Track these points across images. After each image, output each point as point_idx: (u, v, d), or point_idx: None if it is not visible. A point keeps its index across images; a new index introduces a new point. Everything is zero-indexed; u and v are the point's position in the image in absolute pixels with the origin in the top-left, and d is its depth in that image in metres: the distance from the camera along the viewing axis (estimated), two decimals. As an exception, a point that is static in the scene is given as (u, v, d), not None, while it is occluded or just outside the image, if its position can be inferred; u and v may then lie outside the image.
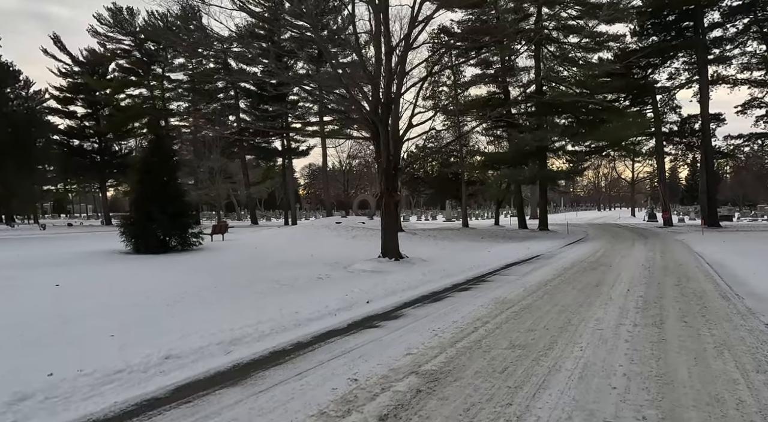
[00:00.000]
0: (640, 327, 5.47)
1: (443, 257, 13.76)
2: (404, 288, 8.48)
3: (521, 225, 29.39)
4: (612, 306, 6.67)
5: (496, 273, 10.66)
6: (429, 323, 5.88)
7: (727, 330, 5.34)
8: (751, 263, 11.03)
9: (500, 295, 7.70)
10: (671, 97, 34.23)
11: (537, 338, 5.06)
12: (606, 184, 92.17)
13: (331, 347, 4.92)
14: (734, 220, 37.99)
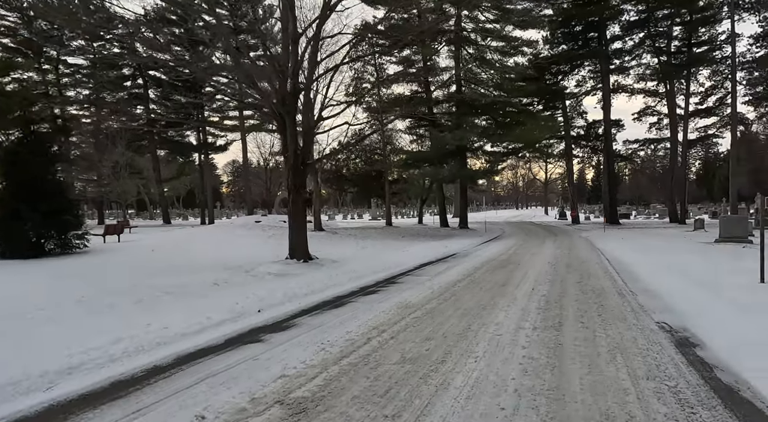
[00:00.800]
0: (539, 331, 5.23)
1: (359, 257, 13.22)
2: (306, 292, 7.79)
3: (443, 223, 29.72)
4: (515, 308, 6.45)
5: (409, 274, 10.28)
6: (320, 334, 5.25)
7: (621, 330, 5.24)
8: (644, 259, 11.61)
9: (406, 299, 7.26)
10: (579, 102, 36.49)
11: (432, 349, 4.61)
12: (523, 184, 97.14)
13: (194, 370, 4.13)
14: (631, 218, 41.33)
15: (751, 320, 5.40)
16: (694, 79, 32.12)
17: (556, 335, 5.05)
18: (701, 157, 59.21)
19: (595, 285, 8.31)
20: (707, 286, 7.59)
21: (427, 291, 7.85)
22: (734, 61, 29.27)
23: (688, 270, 9.51)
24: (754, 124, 37.88)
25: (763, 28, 29.60)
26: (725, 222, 16.41)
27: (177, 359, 4.43)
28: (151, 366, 4.22)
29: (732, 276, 8.52)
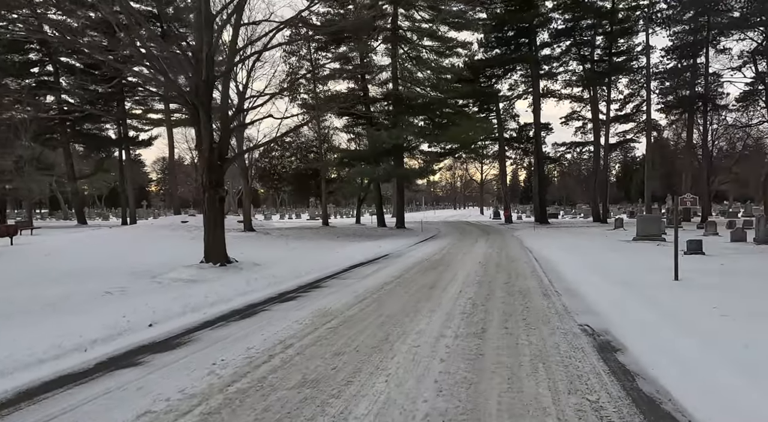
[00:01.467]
0: (461, 339, 4.82)
1: (286, 259, 12.44)
2: (215, 301, 6.96)
3: (380, 223, 29.38)
4: (439, 313, 6.05)
5: (336, 277, 9.69)
6: (216, 352, 4.53)
7: (544, 335, 4.96)
8: (569, 258, 11.78)
9: (325, 305, 6.66)
10: (511, 105, 37.54)
11: (340, 367, 4.05)
12: (461, 184, 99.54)
13: (29, 412, 3.28)
14: (559, 218, 43.26)
15: (666, 321, 5.33)
16: (614, 87, 34.06)
17: (478, 344, 4.66)
18: (620, 161, 63.36)
19: (522, 285, 8.14)
20: (626, 285, 7.63)
21: (350, 296, 7.29)
22: (649, 71, 31.31)
23: (609, 268, 9.66)
24: (665, 131, 40.86)
25: (673, 42, 31.89)
26: (642, 222, 17.26)
27: (18, 395, 3.55)
28: (-26, 408, 3.32)
29: (649, 274, 8.70)
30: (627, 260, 11.04)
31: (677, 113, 32.40)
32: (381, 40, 25.04)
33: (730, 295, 6.54)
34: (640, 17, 30.48)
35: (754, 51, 28.58)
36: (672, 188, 46.69)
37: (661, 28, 31.53)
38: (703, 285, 7.36)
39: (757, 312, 5.51)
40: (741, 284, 7.43)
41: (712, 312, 5.55)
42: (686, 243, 12.45)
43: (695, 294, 6.68)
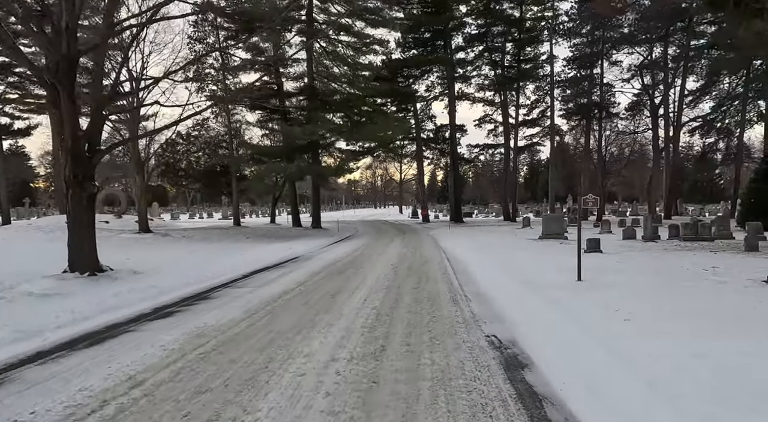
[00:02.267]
0: (356, 362, 4.13)
1: (179, 265, 11.02)
2: (66, 322, 5.65)
3: (295, 223, 28.13)
4: (337, 328, 5.32)
5: (231, 285, 8.60)
6: (25, 402, 3.40)
7: (449, 351, 4.43)
8: (480, 258, 11.66)
9: (206, 323, 5.65)
10: (428, 106, 38.03)
11: (195, 413, 3.16)
12: (381, 183, 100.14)
13: None
14: (473, 217, 44.71)
15: (573, 328, 5.06)
16: (522, 93, 35.75)
17: (375, 368, 3.99)
18: (528, 163, 67.31)
19: (431, 290, 7.68)
20: (534, 287, 7.45)
21: (239, 310, 6.33)
22: (552, 79, 33.21)
23: (518, 268, 9.58)
24: (567, 135, 43.74)
25: (573, 53, 34.13)
26: (546, 221, 17.92)
27: None
28: None
29: (555, 274, 8.67)
30: (534, 259, 11.13)
31: (577, 119, 34.68)
32: (295, 32, 23.86)
33: (629, 296, 6.53)
34: (545, 28, 32.20)
35: (640, 65, 31.37)
36: (572, 189, 50.31)
37: (563, 39, 33.61)
38: (605, 284, 7.37)
39: (658, 316, 5.44)
40: (638, 283, 7.55)
41: (615, 315, 5.39)
42: (586, 242, 12.93)
43: (597, 295, 6.60)
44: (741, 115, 30.68)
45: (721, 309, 5.65)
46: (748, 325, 4.92)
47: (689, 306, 5.80)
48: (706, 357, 3.90)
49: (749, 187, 20.76)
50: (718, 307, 5.71)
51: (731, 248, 12.74)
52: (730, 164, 35.52)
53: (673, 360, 3.91)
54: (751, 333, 4.62)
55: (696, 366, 3.76)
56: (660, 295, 6.50)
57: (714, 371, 3.66)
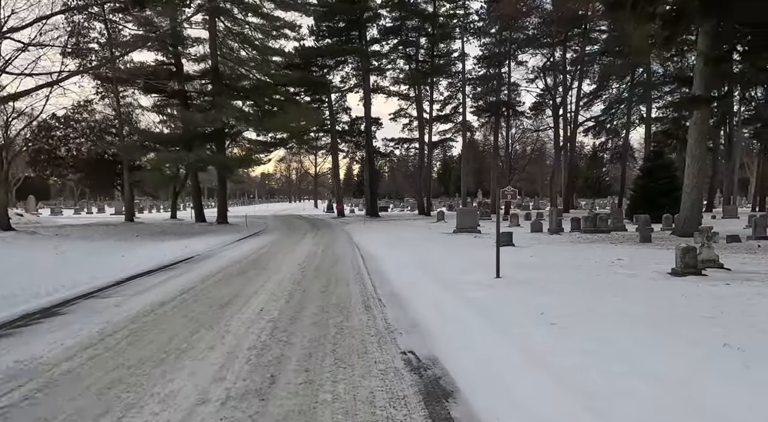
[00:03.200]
0: (231, 407, 3.05)
1: (30, 271, 8.94)
2: None
3: (199, 218, 25.65)
4: (218, 352, 4.17)
5: (96, 295, 6.97)
6: None
7: (357, 376, 3.52)
8: (395, 254, 10.96)
9: (31, 356, 4.18)
10: (343, 98, 36.96)
11: None
12: (296, 177, 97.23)
13: None
14: (389, 211, 44.64)
15: (499, 338, 4.41)
16: (436, 88, 36.06)
17: (256, 415, 2.95)
18: (441, 158, 69.06)
19: (342, 294, 6.74)
20: (452, 285, 6.83)
21: (90, 332, 4.89)
22: (464, 76, 33.87)
23: (435, 265, 8.99)
24: (477, 132, 45.22)
25: (483, 52, 35.09)
26: (461, 215, 17.84)
27: None
28: None
29: (473, 270, 8.16)
30: (451, 254, 10.66)
31: (487, 116, 35.75)
32: (195, 8, 21.46)
33: (550, 294, 6.11)
34: (457, 25, 32.65)
35: (543, 67, 33.00)
36: (482, 184, 52.39)
37: (474, 37, 34.41)
38: (524, 281, 6.94)
39: (585, 319, 4.98)
40: (555, 279, 7.24)
41: (541, 320, 4.83)
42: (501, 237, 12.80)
43: (519, 294, 6.10)
44: (627, 118, 33.60)
45: (644, 307, 5.36)
46: (682, 330, 4.61)
47: (612, 304, 5.46)
48: (660, 380, 3.37)
49: (636, 183, 22.58)
50: (639, 305, 5.42)
51: (627, 239, 13.37)
52: (617, 162, 38.95)
53: (623, 382, 3.33)
54: (685, 337, 4.27)
55: (650, 391, 3.21)
56: (580, 293, 6.16)
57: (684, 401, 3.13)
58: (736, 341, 3.87)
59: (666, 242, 12.25)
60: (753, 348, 3.76)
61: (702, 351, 3.76)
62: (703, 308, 5.13)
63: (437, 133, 38.75)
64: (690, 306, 5.21)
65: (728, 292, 5.91)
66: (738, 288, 6.15)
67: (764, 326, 4.40)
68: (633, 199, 22.02)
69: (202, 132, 20.98)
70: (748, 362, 3.45)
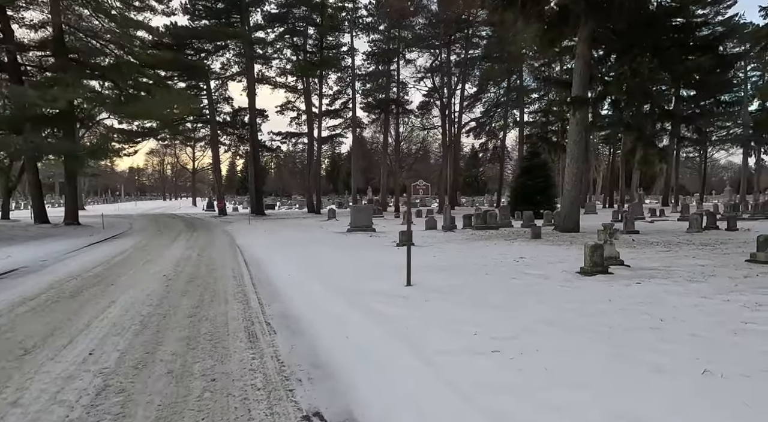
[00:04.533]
0: None
1: None
2: None
3: (40, 218, 20.93)
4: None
5: None
6: None
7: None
8: (285, 258, 9.44)
9: None
10: (224, 86, 33.76)
11: None
12: (172, 172, 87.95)
13: None
14: (276, 209, 42.12)
15: (431, 377, 3.30)
16: (325, 82, 34.64)
17: None
18: (329, 155, 67.76)
19: (218, 317, 5.12)
20: (357, 298, 5.62)
21: None
22: (354, 72, 32.98)
23: (333, 271, 7.70)
24: (367, 128, 44.72)
25: (372, 49, 34.54)
26: (355, 213, 16.77)
27: None
28: None
29: (376, 276, 7.05)
30: (349, 257, 9.46)
31: (377, 113, 35.32)
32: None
33: (472, 305, 5.22)
34: (346, 18, 31.59)
35: (430, 67, 33.53)
36: (370, 182, 52.27)
37: (363, 33, 33.66)
38: (438, 289, 6.00)
39: (526, 344, 4.11)
40: (470, 285, 6.44)
41: (480, 345, 3.85)
42: (399, 235, 11.99)
43: (438, 308, 5.11)
44: (503, 121, 35.75)
45: (581, 318, 4.70)
46: (641, 351, 3.95)
47: (543, 315, 4.73)
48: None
49: (516, 181, 23.76)
50: (572, 314, 4.76)
51: (518, 236, 13.49)
52: (494, 162, 41.48)
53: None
54: (649, 360, 3.58)
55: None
56: (503, 302, 5.38)
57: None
58: (717, 367, 3.24)
59: (554, 238, 12.51)
60: (733, 371, 3.16)
61: (685, 381, 3.05)
62: (638, 317, 4.62)
63: (326, 128, 37.39)
64: (626, 315, 4.67)
65: (646, 293, 5.59)
66: (650, 287, 5.91)
67: (711, 335, 3.94)
68: (513, 196, 23.12)
69: (40, 114, 16.90)
70: (749, 395, 2.78)
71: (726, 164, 64.69)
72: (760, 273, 6.66)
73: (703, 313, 4.58)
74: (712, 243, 10.72)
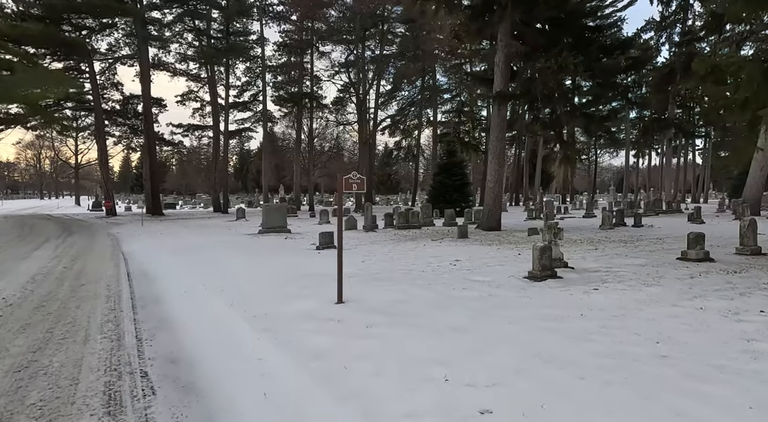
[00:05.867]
0: None
1: None
2: None
3: None
4: None
5: None
6: None
7: None
8: (184, 268, 7.65)
9: None
10: (112, 70, 29.44)
11: None
12: (52, 168, 76.65)
13: None
14: (178, 208, 38.11)
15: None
16: (233, 72, 31.81)
17: None
18: (238, 152, 63.56)
19: (63, 367, 3.43)
20: (277, 327, 4.24)
21: None
22: (264, 62, 30.61)
23: (243, 286, 6.16)
24: (279, 123, 42.20)
25: (284, 39, 32.39)
26: (268, 212, 15.00)
27: None
28: None
29: (300, 290, 5.69)
30: (264, 265, 7.91)
31: (289, 107, 33.27)
32: None
33: (430, 332, 4.12)
34: (255, 5, 29.17)
35: (346, 62, 32.27)
36: (282, 180, 49.67)
37: (274, 22, 31.43)
38: (379, 308, 4.81)
39: (521, 393, 3.07)
40: (414, 299, 5.36)
41: (447, 399, 2.72)
42: (319, 237, 10.63)
43: (386, 337, 3.92)
44: (418, 119, 35.68)
45: (570, 344, 3.80)
46: (666, 394, 3.08)
47: (517, 340, 3.76)
48: None
49: (434, 179, 23.46)
50: (555, 340, 3.86)
51: (444, 235, 12.82)
52: (409, 161, 41.45)
53: None
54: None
55: None
56: (463, 323, 4.34)
57: None
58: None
59: (480, 237, 12.00)
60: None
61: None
62: (630, 339, 3.84)
63: (234, 121, 34.47)
64: (616, 338, 3.86)
65: (613, 304, 4.90)
66: (610, 295, 5.27)
67: (737, 365, 3.22)
68: (432, 194, 22.78)
69: None
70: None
71: (606, 166, 72.00)
72: (701, 272, 6.43)
73: (691, 329, 3.94)
74: (628, 240, 10.86)
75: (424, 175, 48.73)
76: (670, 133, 20.55)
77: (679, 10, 21.43)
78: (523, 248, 9.67)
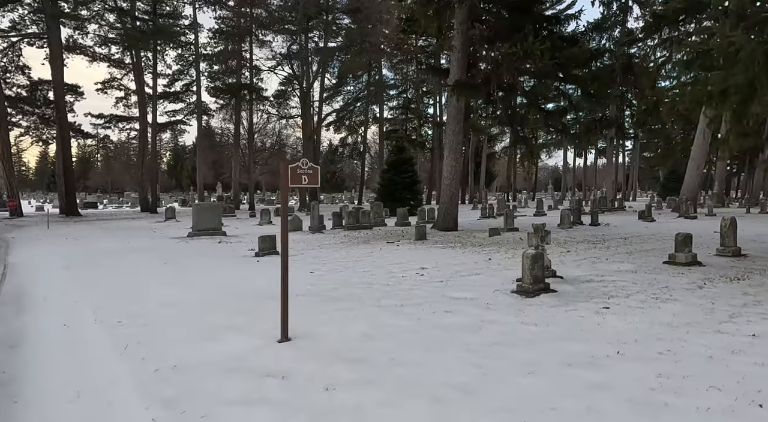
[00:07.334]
0: None
1: None
2: None
3: None
4: None
5: None
6: None
7: None
8: (77, 284, 5.74)
9: None
10: (16, 51, 25.39)
11: None
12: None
13: None
14: (100, 207, 34.13)
15: None
16: (162, 59, 28.78)
17: None
18: (172, 147, 58.94)
19: None
20: (178, 395, 2.71)
21: None
22: (197, 50, 27.94)
23: (150, 311, 4.49)
24: (215, 116, 39.11)
25: (219, 26, 29.72)
26: (199, 212, 12.98)
27: None
28: None
29: (228, 322, 4.14)
30: (186, 281, 6.19)
31: (227, 99, 30.68)
32: None
33: (413, 398, 2.78)
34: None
35: (288, 53, 30.20)
36: (221, 177, 46.33)
37: (209, 8, 28.77)
38: (336, 351, 3.41)
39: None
40: (382, 334, 4.01)
41: None
42: (259, 241, 9.01)
43: (354, 411, 2.54)
44: (364, 116, 34.33)
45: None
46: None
47: (553, 410, 2.53)
48: None
49: (383, 176, 22.22)
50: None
51: (399, 236, 11.58)
52: (354, 158, 39.99)
53: None
54: None
55: None
56: (464, 379, 3.07)
57: None
58: None
59: (439, 238, 10.87)
60: None
61: None
62: (715, 395, 2.72)
63: (165, 113, 31.33)
64: (697, 391, 2.74)
65: (639, 328, 3.84)
66: (629, 317, 4.23)
67: None
68: (380, 191, 21.54)
69: None
70: None
71: (542, 166, 74.64)
72: (704, 280, 5.62)
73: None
74: (595, 240, 10.19)
75: (369, 172, 47.49)
76: (612, 132, 20.68)
77: (620, 12, 21.71)
78: (490, 251, 8.64)
